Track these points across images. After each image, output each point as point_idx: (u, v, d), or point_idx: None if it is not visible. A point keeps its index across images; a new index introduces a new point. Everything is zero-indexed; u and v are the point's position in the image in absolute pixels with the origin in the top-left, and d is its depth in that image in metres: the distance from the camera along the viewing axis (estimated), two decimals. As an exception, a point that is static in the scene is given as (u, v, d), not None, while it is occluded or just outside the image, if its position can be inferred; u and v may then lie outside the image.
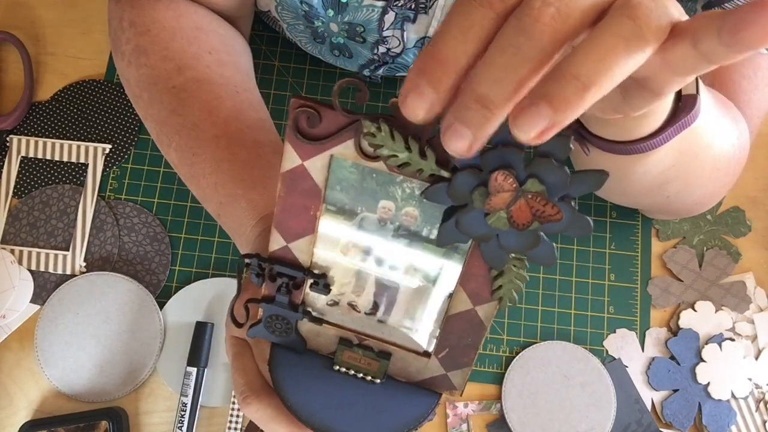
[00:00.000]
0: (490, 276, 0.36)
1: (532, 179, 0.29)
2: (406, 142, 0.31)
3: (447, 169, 0.31)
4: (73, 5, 0.79)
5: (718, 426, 0.64)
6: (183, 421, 0.64)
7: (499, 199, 0.31)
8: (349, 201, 0.36)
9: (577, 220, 0.31)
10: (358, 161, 0.33)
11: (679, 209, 0.61)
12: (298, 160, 0.34)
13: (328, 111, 0.32)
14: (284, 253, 0.39)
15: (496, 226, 0.32)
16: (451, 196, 0.32)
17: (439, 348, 0.41)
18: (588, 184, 0.29)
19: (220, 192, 0.53)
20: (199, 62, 0.57)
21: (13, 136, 0.73)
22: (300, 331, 0.44)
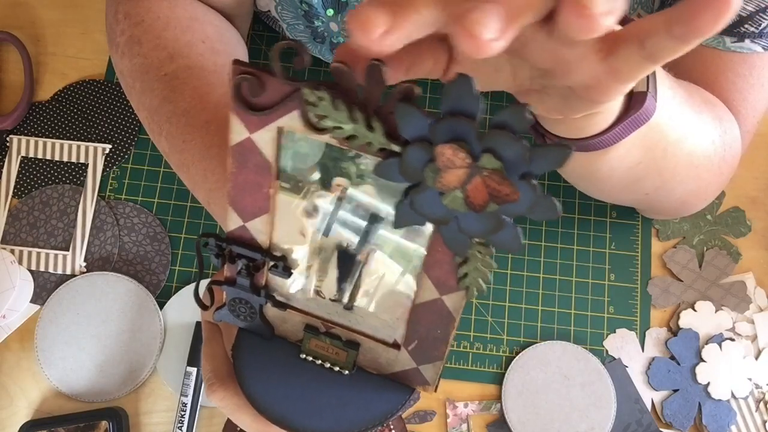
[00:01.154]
0: (455, 263, 0.34)
1: (487, 154, 0.27)
2: (351, 112, 0.29)
3: (398, 143, 0.29)
4: (73, 5, 0.79)
5: (718, 426, 0.64)
6: (183, 421, 0.64)
7: (451, 176, 0.28)
8: (303, 178, 0.34)
9: (540, 201, 0.28)
10: (306, 134, 0.31)
11: (668, 207, 0.61)
12: (245, 132, 0.32)
13: (270, 78, 0.30)
14: (242, 233, 0.38)
15: (452, 207, 0.29)
16: (403, 173, 0.29)
17: (408, 339, 0.40)
18: (550, 160, 0.26)
19: (209, 178, 0.53)
20: (192, 50, 0.56)
21: (13, 136, 0.73)
22: (266, 316, 0.42)
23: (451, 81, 0.26)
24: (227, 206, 0.37)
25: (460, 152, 0.27)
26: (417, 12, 0.26)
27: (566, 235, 0.70)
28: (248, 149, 0.33)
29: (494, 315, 0.68)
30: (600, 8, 0.25)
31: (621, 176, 0.49)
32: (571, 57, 0.30)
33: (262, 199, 0.35)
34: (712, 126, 0.52)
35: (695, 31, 0.26)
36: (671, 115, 0.46)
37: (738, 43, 0.52)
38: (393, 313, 0.39)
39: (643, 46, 0.28)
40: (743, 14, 0.50)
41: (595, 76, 0.31)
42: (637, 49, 0.28)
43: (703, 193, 0.57)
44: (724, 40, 0.52)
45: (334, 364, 0.42)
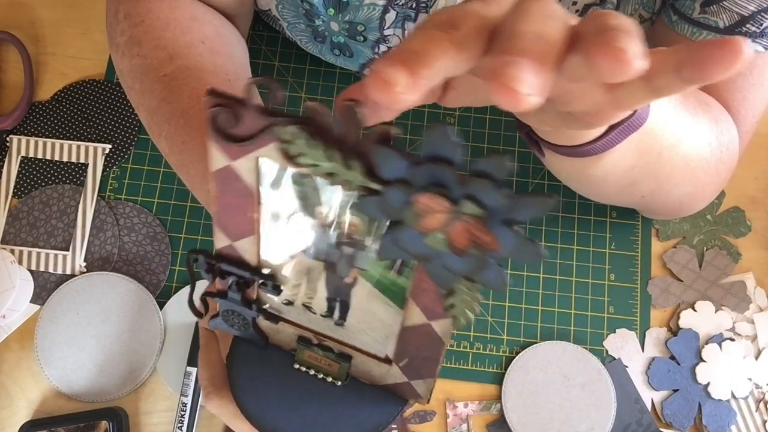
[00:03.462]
0: (441, 293, 0.34)
1: (468, 201, 0.27)
2: (327, 150, 0.28)
3: (378, 181, 0.28)
4: (73, 5, 0.79)
5: (718, 426, 0.64)
6: (183, 421, 0.63)
7: (432, 220, 0.28)
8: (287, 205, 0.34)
9: (524, 248, 0.27)
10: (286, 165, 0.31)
11: (665, 208, 0.61)
12: (224, 160, 0.32)
13: (245, 110, 0.29)
14: (230, 251, 0.38)
15: (434, 248, 0.29)
16: (383, 211, 0.29)
17: (399, 357, 0.40)
18: (533, 208, 0.26)
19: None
20: (191, 51, 0.56)
21: (13, 136, 0.73)
22: (259, 326, 0.42)
23: (430, 128, 0.25)
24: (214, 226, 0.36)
25: (438, 199, 0.27)
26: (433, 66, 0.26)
27: (566, 235, 0.70)
28: (229, 176, 0.33)
29: (494, 315, 0.68)
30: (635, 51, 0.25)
31: (616, 180, 0.49)
32: (577, 89, 0.30)
33: (246, 223, 0.35)
34: (708, 128, 0.52)
35: (705, 77, 0.26)
36: (666, 119, 0.46)
37: None
38: (383, 331, 0.39)
39: (650, 82, 0.28)
40: (744, 14, 0.50)
41: (597, 105, 0.31)
42: (643, 84, 0.28)
43: (701, 194, 0.57)
44: None
45: (327, 374, 0.42)
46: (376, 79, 0.25)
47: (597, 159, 0.44)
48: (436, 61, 0.26)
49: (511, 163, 0.25)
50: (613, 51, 0.25)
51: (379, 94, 0.25)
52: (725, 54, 0.26)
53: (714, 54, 0.26)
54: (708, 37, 0.53)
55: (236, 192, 0.34)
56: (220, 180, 0.33)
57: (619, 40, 0.25)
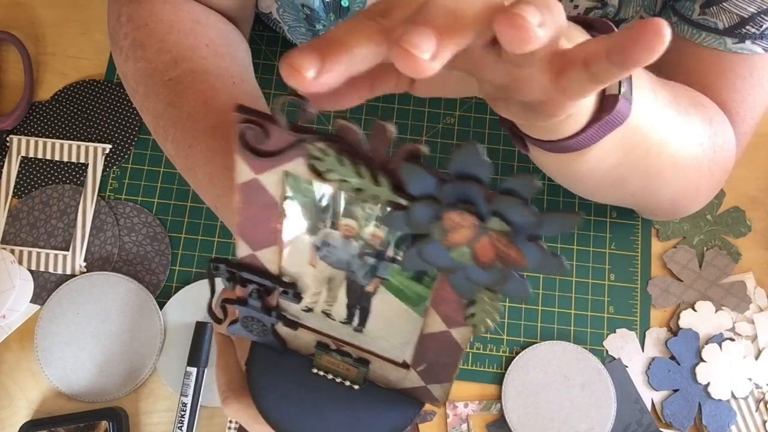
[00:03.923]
0: (462, 302, 0.34)
1: (495, 218, 0.27)
2: (356, 167, 0.29)
3: (405, 196, 0.29)
4: (73, 5, 0.79)
5: (718, 426, 0.64)
6: (183, 421, 0.64)
7: (459, 235, 0.29)
8: (310, 217, 0.34)
9: (548, 261, 0.28)
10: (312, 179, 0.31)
11: (659, 207, 0.60)
12: (251, 174, 0.32)
13: (274, 127, 0.30)
14: (252, 260, 0.38)
15: (459, 260, 0.30)
16: (409, 225, 0.30)
17: (417, 362, 0.40)
18: (558, 225, 0.27)
19: (216, 184, 0.53)
20: (196, 54, 0.56)
21: (13, 136, 0.73)
22: (278, 332, 0.43)
23: (461, 146, 0.26)
24: (237, 236, 0.37)
25: (468, 216, 0.28)
26: (349, 52, 0.27)
27: (566, 235, 0.70)
28: (255, 188, 0.33)
29: (494, 315, 0.68)
30: (532, 19, 0.26)
31: (602, 176, 0.49)
32: (523, 76, 0.31)
33: (269, 232, 0.36)
34: (701, 128, 0.51)
35: (631, 61, 0.27)
36: (652, 117, 0.45)
37: (739, 44, 0.52)
38: (401, 337, 0.40)
39: (589, 68, 0.29)
40: (744, 15, 0.50)
41: (547, 94, 0.32)
42: (583, 70, 0.29)
43: (693, 194, 0.57)
44: (725, 41, 0.52)
45: (345, 378, 0.43)
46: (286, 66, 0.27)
47: (580, 155, 0.44)
48: (352, 49, 0.27)
49: (539, 182, 0.26)
50: (513, 18, 0.26)
51: (289, 80, 0.27)
52: (648, 37, 0.26)
53: (637, 37, 0.27)
54: (708, 39, 0.53)
55: (260, 204, 0.34)
56: (245, 192, 0.33)
57: (520, 9, 0.26)
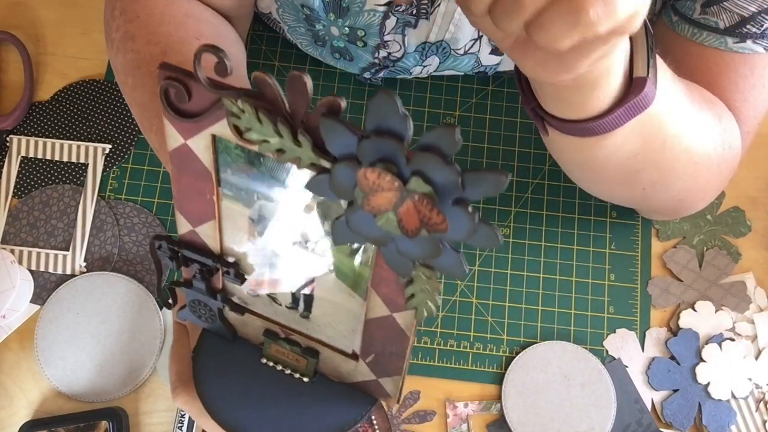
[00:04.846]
0: (401, 283, 0.32)
1: (415, 177, 0.25)
2: (275, 125, 0.27)
3: (328, 158, 0.27)
4: (73, 5, 0.79)
5: (718, 426, 0.64)
6: (183, 421, 0.64)
7: (381, 198, 0.27)
8: (244, 186, 0.33)
9: (478, 230, 0.26)
10: (239, 143, 0.30)
11: (665, 205, 0.60)
12: (180, 138, 0.32)
13: (195, 84, 0.29)
14: (192, 237, 0.37)
15: (386, 229, 0.28)
16: (334, 190, 0.28)
17: (365, 352, 0.39)
18: (485, 185, 0.25)
19: None
20: (185, 47, 0.56)
21: (13, 136, 0.73)
22: (227, 318, 0.41)
23: (375, 98, 0.24)
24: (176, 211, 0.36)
25: (386, 175, 0.25)
26: None
27: (566, 235, 0.70)
28: (186, 155, 0.32)
29: (494, 315, 0.68)
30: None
31: (618, 166, 0.49)
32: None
33: (205, 205, 0.35)
34: (712, 124, 0.52)
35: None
36: (671, 107, 0.46)
37: (740, 44, 0.52)
38: (347, 324, 0.39)
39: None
40: (745, 15, 0.50)
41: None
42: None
43: (701, 191, 0.57)
44: (726, 41, 0.52)
45: (294, 370, 0.41)
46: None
47: (599, 140, 0.44)
48: None
49: (461, 137, 0.24)
50: None
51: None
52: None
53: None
54: (708, 38, 0.53)
55: (194, 172, 0.33)
56: (177, 160, 0.33)
57: None
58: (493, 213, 0.71)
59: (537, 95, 0.45)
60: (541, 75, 0.38)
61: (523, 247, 0.70)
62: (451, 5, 0.57)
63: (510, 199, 0.71)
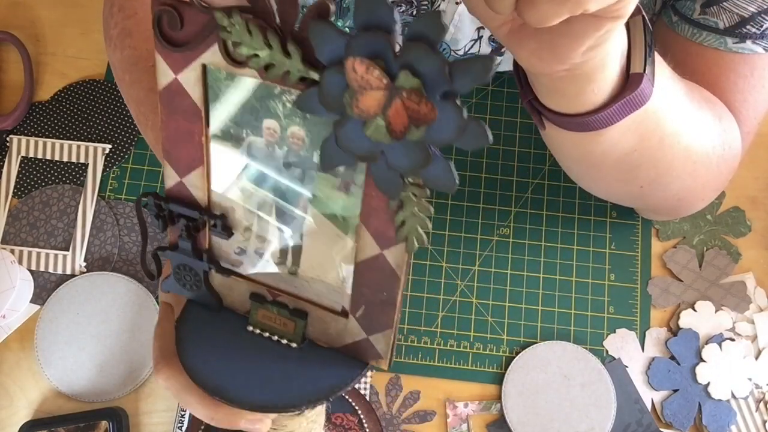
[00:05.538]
0: (391, 210, 0.32)
1: (404, 72, 0.25)
2: (266, 36, 0.28)
3: (317, 70, 0.27)
4: (73, 5, 0.79)
5: (718, 426, 0.64)
6: (183, 421, 0.64)
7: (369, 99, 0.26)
8: (233, 123, 0.33)
9: (466, 126, 0.25)
10: (230, 69, 0.30)
11: (664, 204, 0.60)
12: (170, 73, 0.32)
13: (186, 7, 0.29)
14: (180, 190, 0.37)
15: (376, 139, 0.27)
16: (322, 102, 0.28)
17: (355, 305, 0.38)
18: (472, 73, 0.24)
19: None
20: None
21: (13, 136, 0.73)
22: (212, 284, 0.41)
23: None
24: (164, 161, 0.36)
25: (374, 69, 0.25)
26: None
27: (566, 235, 0.70)
28: (176, 92, 0.33)
29: (494, 315, 0.68)
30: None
31: (615, 162, 0.49)
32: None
33: (194, 149, 0.35)
34: (712, 123, 0.52)
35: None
36: (669, 105, 0.46)
37: (739, 44, 0.52)
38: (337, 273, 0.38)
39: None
40: (745, 15, 0.50)
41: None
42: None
43: (701, 191, 0.57)
44: (725, 41, 0.52)
45: (282, 336, 0.40)
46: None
47: (596, 135, 0.44)
48: None
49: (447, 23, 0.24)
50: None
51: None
52: None
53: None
54: (708, 38, 0.53)
55: (183, 112, 0.33)
56: (167, 99, 0.33)
57: None
58: (493, 213, 0.71)
59: (534, 88, 0.45)
60: (536, 65, 0.38)
61: (523, 247, 0.70)
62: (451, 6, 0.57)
63: (510, 199, 0.71)
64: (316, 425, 0.47)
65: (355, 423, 0.64)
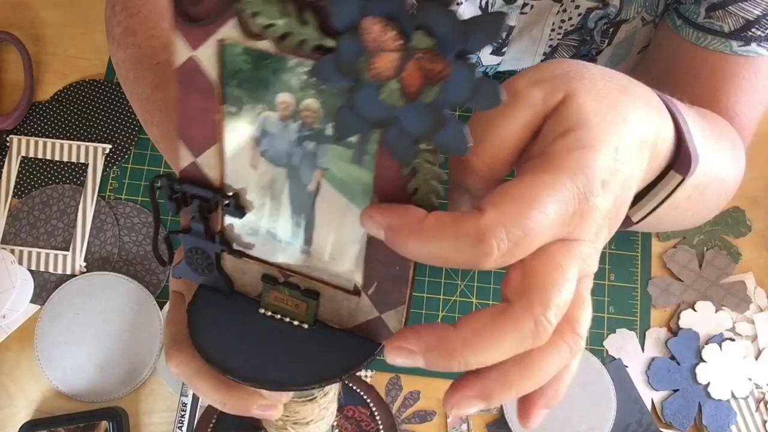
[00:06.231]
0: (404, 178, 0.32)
1: (418, 32, 0.26)
2: (283, 4, 0.28)
3: (333, 38, 0.28)
4: (73, 5, 0.79)
5: (718, 426, 0.64)
6: (183, 421, 0.64)
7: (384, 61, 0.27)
8: (248, 98, 0.34)
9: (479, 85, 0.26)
10: (246, 43, 0.31)
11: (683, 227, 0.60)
12: (187, 50, 0.32)
13: None
14: (194, 171, 0.37)
15: (390, 103, 0.28)
16: (339, 69, 0.28)
17: (367, 281, 0.38)
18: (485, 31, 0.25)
19: None
20: None
21: (13, 136, 0.73)
22: (224, 268, 0.41)
23: None
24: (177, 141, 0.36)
25: (390, 30, 0.26)
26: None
27: (566, 235, 0.70)
28: (192, 69, 0.33)
29: (494, 315, 0.68)
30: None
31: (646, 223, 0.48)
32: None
33: (209, 127, 0.35)
34: (729, 154, 0.50)
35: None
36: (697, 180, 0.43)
37: (744, 47, 0.52)
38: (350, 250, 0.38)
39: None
40: (750, 18, 0.50)
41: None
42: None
43: (711, 215, 0.56)
44: (730, 44, 0.52)
45: (294, 318, 0.41)
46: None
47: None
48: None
49: None
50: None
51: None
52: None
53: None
54: (713, 42, 0.53)
55: (198, 89, 0.34)
56: (183, 77, 0.34)
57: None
58: (493, 213, 0.71)
59: None
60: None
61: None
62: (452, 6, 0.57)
63: (510, 199, 0.71)
64: (328, 413, 0.47)
65: (366, 415, 0.64)
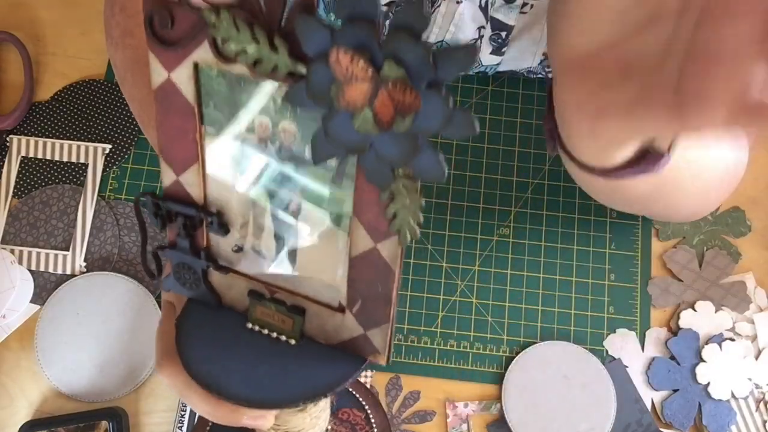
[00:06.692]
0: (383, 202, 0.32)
1: (388, 62, 0.25)
2: (253, 31, 0.28)
3: (305, 64, 0.28)
4: (73, 5, 0.79)
5: (718, 426, 0.64)
6: (183, 421, 0.64)
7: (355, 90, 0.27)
8: (226, 120, 0.34)
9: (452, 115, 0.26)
10: (221, 67, 0.31)
11: (675, 219, 0.60)
12: (163, 72, 0.33)
13: (177, 7, 0.30)
14: (177, 189, 0.37)
15: (364, 130, 0.28)
16: (310, 95, 0.28)
17: (351, 300, 0.38)
18: (456, 61, 0.24)
19: None
20: None
21: (13, 136, 0.73)
22: (211, 283, 0.42)
23: None
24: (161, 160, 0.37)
25: (359, 60, 0.26)
26: None
27: (566, 235, 0.70)
28: (170, 91, 0.33)
29: (494, 315, 0.68)
30: None
31: (626, 197, 0.49)
32: None
33: (190, 148, 0.36)
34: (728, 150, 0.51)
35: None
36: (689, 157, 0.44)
37: None
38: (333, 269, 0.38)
39: None
40: None
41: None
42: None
43: (713, 206, 0.57)
44: None
45: (280, 333, 0.41)
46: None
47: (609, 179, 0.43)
48: None
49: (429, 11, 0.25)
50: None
51: None
52: None
53: None
54: None
55: (177, 111, 0.34)
56: (161, 98, 0.34)
57: None
58: (493, 213, 0.71)
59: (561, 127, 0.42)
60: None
61: (523, 247, 0.70)
62: (451, 6, 0.57)
63: (510, 199, 0.71)
64: (320, 421, 0.47)
65: (361, 418, 0.64)
